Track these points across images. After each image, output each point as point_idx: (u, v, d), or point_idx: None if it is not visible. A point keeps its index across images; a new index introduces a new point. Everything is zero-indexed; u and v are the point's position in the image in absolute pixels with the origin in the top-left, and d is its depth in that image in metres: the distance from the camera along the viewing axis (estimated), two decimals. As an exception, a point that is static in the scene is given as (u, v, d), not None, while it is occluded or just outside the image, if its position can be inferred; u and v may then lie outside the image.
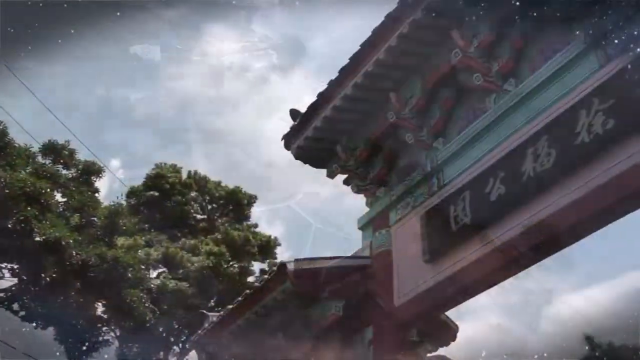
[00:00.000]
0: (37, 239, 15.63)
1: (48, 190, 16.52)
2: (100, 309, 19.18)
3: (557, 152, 5.68)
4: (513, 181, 6.06)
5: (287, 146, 8.80)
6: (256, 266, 23.31)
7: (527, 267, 6.32)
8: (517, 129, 6.38)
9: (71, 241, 16.14)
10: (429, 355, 8.54)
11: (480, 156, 6.75)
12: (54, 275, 16.85)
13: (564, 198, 5.54)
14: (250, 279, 22.18)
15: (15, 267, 17.04)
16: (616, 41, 5.61)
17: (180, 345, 21.79)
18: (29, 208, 15.52)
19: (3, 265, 17.06)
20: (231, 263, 22.15)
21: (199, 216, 24.96)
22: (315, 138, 8.41)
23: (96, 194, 19.86)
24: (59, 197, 18.10)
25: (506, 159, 6.28)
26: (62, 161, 19.21)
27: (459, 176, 6.97)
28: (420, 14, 6.63)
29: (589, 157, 5.40)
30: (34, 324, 17.52)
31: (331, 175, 8.74)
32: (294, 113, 8.74)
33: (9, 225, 15.59)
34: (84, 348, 18.31)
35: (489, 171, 6.43)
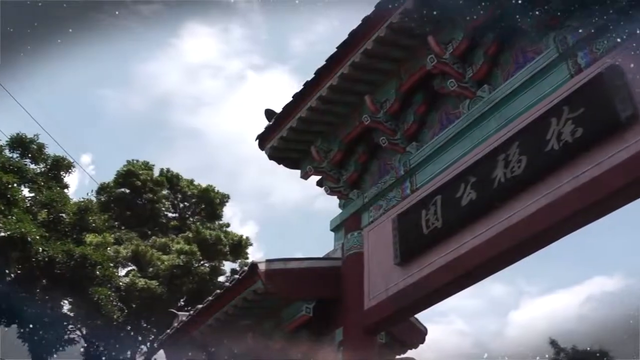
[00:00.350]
0: (2, 234, 15.26)
1: (15, 184, 16.15)
2: (66, 306, 18.83)
3: (527, 159, 5.77)
4: (484, 187, 6.14)
5: (262, 146, 8.77)
6: (227, 266, 23.20)
7: (496, 272, 6.40)
8: (490, 135, 6.46)
9: (38, 237, 15.80)
10: (397, 357, 8.62)
11: (453, 161, 6.82)
12: (19, 271, 16.49)
13: (533, 204, 5.63)
14: (221, 278, 22.04)
15: (-22, 262, 16.60)
16: (587, 52, 5.74)
17: (149, 344, 21.53)
18: (-6, 203, 15.15)
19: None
20: (202, 262, 21.98)
21: (170, 214, 24.72)
22: (290, 139, 8.41)
23: (65, 190, 19.51)
24: (26, 192, 17.74)
25: (478, 165, 6.36)
26: (30, 155, 18.82)
27: (431, 180, 7.04)
28: (397, 18, 6.68)
29: (557, 164, 5.51)
30: (-4, 321, 17.10)
31: (305, 176, 8.74)
32: (269, 113, 8.72)
33: (-27, 220, 15.20)
34: (49, 346, 17.91)
35: (460, 176, 6.51)
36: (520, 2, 6.03)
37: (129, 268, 21.20)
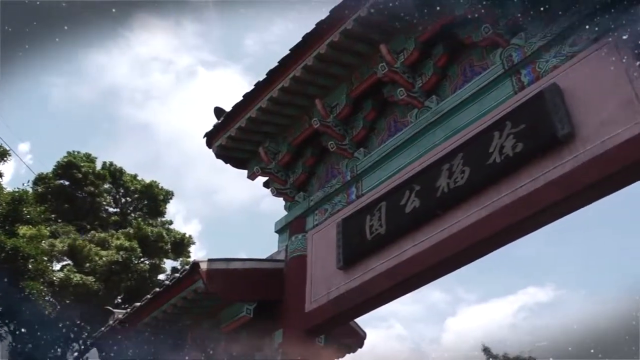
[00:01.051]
0: None
1: (-56, 171, 15.34)
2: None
3: (470, 170, 5.93)
4: (428, 195, 6.26)
5: (209, 144, 8.67)
6: (168, 264, 22.76)
7: (436, 279, 6.54)
8: (435, 145, 6.61)
9: (-34, 227, 15.06)
10: (336, 360, 8.66)
11: (399, 169, 6.94)
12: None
13: (474, 215, 5.79)
14: (162, 276, 21.60)
15: None
16: (530, 70, 5.97)
17: (81, 342, 20.84)
18: None
19: None
20: (142, 259, 21.48)
21: (111, 209, 24.05)
22: (238, 138, 8.34)
23: (-1, 179, 18.67)
24: (-45, 179, 16.89)
25: (423, 174, 6.49)
26: (-39, 141, 17.95)
27: (377, 187, 7.13)
28: (352, 24, 6.75)
29: (498, 177, 5.69)
30: None
31: (252, 176, 8.68)
32: (218, 111, 8.63)
33: None
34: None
35: (405, 184, 6.62)
36: (470, 18, 6.23)
37: (65, 262, 20.47)
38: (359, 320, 8.61)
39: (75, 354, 20.88)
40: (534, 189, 5.37)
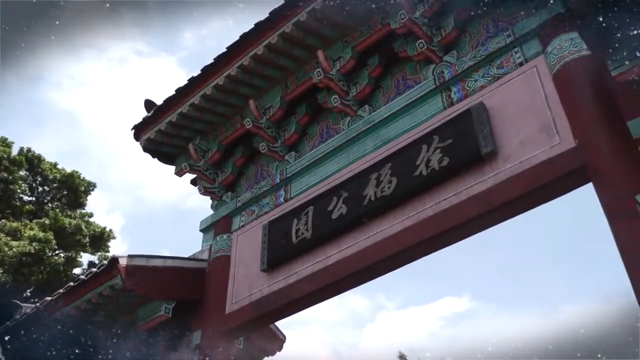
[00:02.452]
0: None
1: None
2: None
3: (397, 180, 6.08)
4: (355, 203, 6.36)
5: (137, 137, 8.43)
6: (85, 258, 21.87)
7: (359, 285, 6.64)
8: (365, 153, 6.73)
9: None
10: (254, 363, 8.61)
11: (328, 174, 7.00)
12: None
13: (398, 224, 5.93)
14: (77, 270, 20.74)
15: None
16: (460, 88, 6.20)
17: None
18: None
19: None
20: (57, 252, 20.54)
21: (26, 197, 22.85)
22: (168, 133, 8.16)
23: None
24: None
25: (351, 181, 6.58)
26: None
27: (305, 191, 7.17)
28: (290, 28, 6.76)
29: (423, 189, 5.86)
30: None
31: (179, 173, 8.50)
32: (148, 104, 8.40)
33: None
34: None
35: (334, 190, 6.69)
36: (405, 32, 6.41)
37: (-30, 252, 19.25)
38: (280, 324, 8.62)
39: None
40: (456, 202, 5.57)
